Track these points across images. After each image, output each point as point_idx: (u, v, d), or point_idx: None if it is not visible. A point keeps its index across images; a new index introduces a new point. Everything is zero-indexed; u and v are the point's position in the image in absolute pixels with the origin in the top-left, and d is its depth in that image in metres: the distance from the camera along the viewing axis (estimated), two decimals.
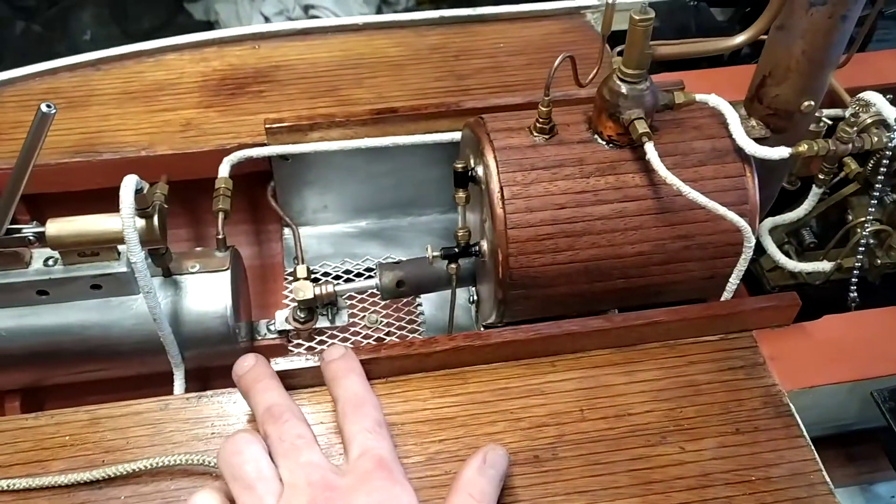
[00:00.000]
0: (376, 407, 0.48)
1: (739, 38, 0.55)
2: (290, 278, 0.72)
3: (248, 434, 0.45)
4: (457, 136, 0.69)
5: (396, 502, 0.43)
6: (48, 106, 0.45)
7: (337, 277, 0.77)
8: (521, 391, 0.55)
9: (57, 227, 0.53)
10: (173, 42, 0.79)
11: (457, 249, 0.61)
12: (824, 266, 0.67)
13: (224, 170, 0.67)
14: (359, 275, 0.77)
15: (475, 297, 0.68)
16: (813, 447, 0.52)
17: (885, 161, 0.57)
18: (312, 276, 0.77)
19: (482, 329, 0.64)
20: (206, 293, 0.60)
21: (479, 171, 0.58)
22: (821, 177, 0.65)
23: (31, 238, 0.55)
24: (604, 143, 0.58)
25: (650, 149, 0.54)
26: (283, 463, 0.44)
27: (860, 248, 0.61)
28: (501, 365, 0.56)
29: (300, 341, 0.70)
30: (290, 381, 0.52)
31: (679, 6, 0.87)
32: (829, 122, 0.62)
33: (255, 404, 0.48)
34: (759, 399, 0.54)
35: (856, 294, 0.62)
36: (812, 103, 0.57)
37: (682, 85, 0.71)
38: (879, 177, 0.57)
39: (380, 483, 0.43)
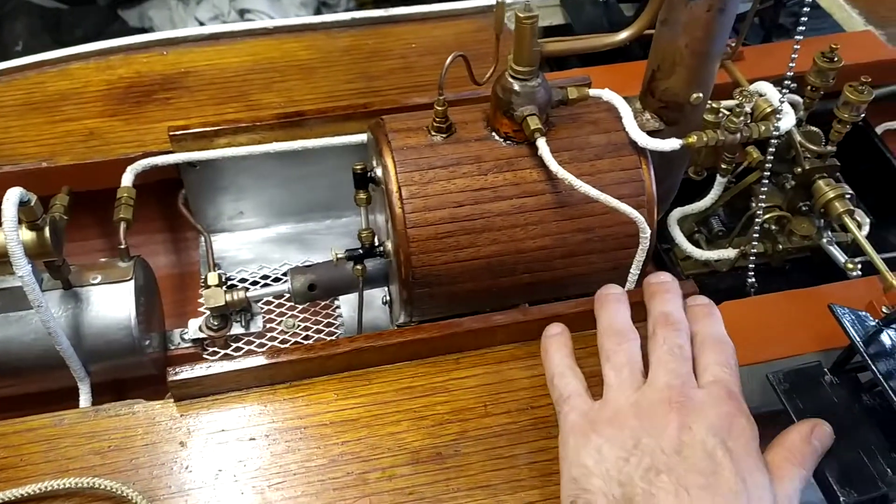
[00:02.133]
0: (733, 348, 0.51)
1: (625, 34, 0.56)
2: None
3: (631, 332, 0.51)
4: (365, 137, 0.69)
5: (742, 430, 0.45)
6: None
7: (255, 283, 0.77)
8: (425, 389, 0.55)
9: None
10: (77, 51, 0.77)
11: (361, 251, 0.61)
12: (729, 253, 0.69)
13: (127, 178, 0.66)
14: (277, 279, 0.77)
15: (388, 298, 0.68)
16: None
17: (772, 149, 0.58)
18: (229, 282, 0.76)
19: (396, 328, 0.64)
20: (109, 304, 0.60)
21: (378, 171, 0.58)
22: (723, 166, 0.67)
23: None
24: (501, 140, 0.58)
25: (542, 144, 0.55)
26: (654, 361, 0.48)
27: (755, 235, 0.62)
28: (406, 364, 0.56)
29: (215, 349, 0.69)
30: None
31: (589, 2, 0.88)
32: (728, 113, 0.63)
33: (655, 306, 0.52)
34: None
35: (754, 279, 0.64)
36: (700, 95, 0.58)
37: (588, 80, 0.72)
38: (768, 164, 0.59)
39: (729, 409, 0.45)
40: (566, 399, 0.48)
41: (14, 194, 0.49)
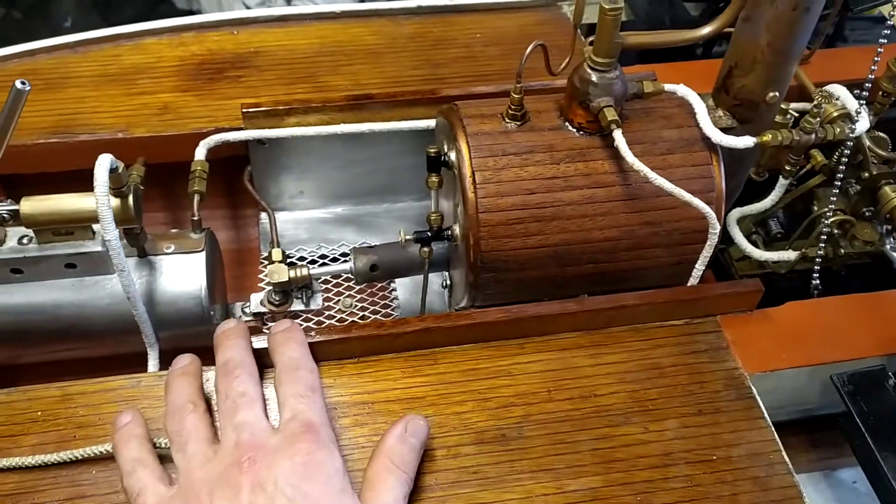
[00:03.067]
0: (312, 372, 0.49)
1: (707, 29, 0.57)
2: (266, 262, 0.73)
3: (190, 403, 0.47)
4: (432, 123, 0.70)
5: (319, 467, 0.43)
6: (22, 83, 0.46)
7: (312, 262, 0.78)
8: (490, 372, 0.56)
9: (31, 205, 0.54)
10: (152, 26, 0.79)
11: (429, 233, 0.62)
12: (789, 255, 0.69)
13: (200, 152, 0.67)
14: (334, 260, 0.78)
15: (448, 282, 0.69)
16: (773, 428, 0.54)
17: (846, 151, 0.58)
18: (288, 260, 0.78)
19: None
20: (181, 274, 0.61)
21: (452, 156, 0.59)
22: (787, 168, 0.67)
23: (5, 216, 0.55)
24: (574, 130, 0.59)
25: (618, 136, 0.55)
26: (222, 421, 0.46)
27: (822, 238, 0.62)
28: (471, 346, 0.57)
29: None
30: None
31: (654, 0, 0.88)
32: (797, 115, 0.63)
33: (217, 358, 0.49)
34: (721, 382, 0.56)
35: (818, 282, 0.64)
36: (777, 94, 0.58)
37: (654, 76, 0.72)
38: (841, 167, 0.59)
39: (305, 446, 0.44)
40: (135, 498, 0.44)
41: (106, 160, 0.51)
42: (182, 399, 0.47)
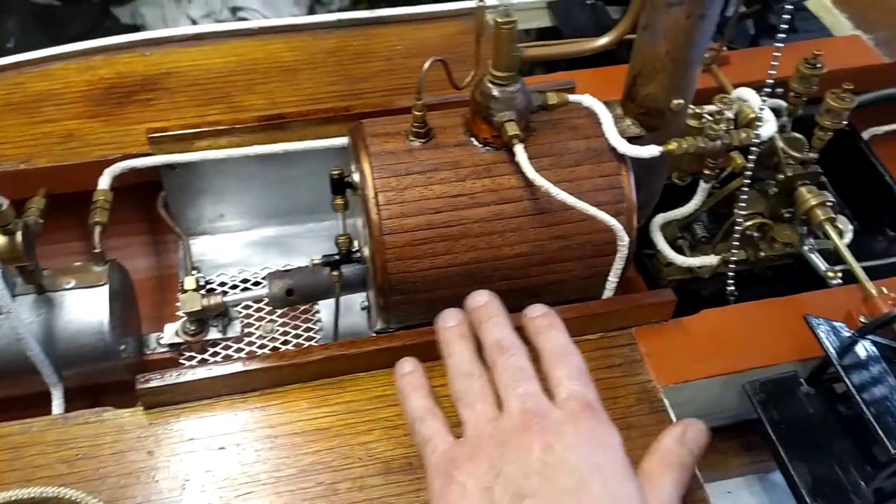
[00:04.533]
0: (579, 356, 0.49)
1: (605, 39, 0.56)
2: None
3: (478, 369, 0.48)
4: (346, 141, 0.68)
5: (603, 439, 0.44)
6: None
7: (235, 287, 0.76)
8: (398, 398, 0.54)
9: None
10: (59, 51, 0.77)
11: (338, 256, 0.61)
12: (711, 260, 0.68)
13: (104, 181, 0.65)
14: (257, 283, 0.77)
15: (367, 303, 0.67)
16: None
17: (751, 156, 0.57)
18: (208, 286, 0.76)
19: (374, 334, 0.64)
20: (82, 309, 0.59)
21: (356, 177, 0.57)
22: (706, 172, 0.66)
23: None
24: (480, 145, 0.58)
25: (519, 150, 0.54)
26: (503, 391, 0.46)
27: (735, 242, 0.62)
28: (379, 372, 0.55)
29: (192, 354, 0.69)
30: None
31: (576, 5, 0.88)
32: (710, 118, 0.63)
33: (485, 337, 0.50)
34: (634, 396, 0.55)
35: (734, 287, 0.63)
36: (681, 101, 0.57)
37: (573, 84, 0.71)
38: (747, 171, 0.58)
39: (588, 422, 0.44)
40: (427, 442, 0.47)
41: None
42: (468, 365, 0.49)
